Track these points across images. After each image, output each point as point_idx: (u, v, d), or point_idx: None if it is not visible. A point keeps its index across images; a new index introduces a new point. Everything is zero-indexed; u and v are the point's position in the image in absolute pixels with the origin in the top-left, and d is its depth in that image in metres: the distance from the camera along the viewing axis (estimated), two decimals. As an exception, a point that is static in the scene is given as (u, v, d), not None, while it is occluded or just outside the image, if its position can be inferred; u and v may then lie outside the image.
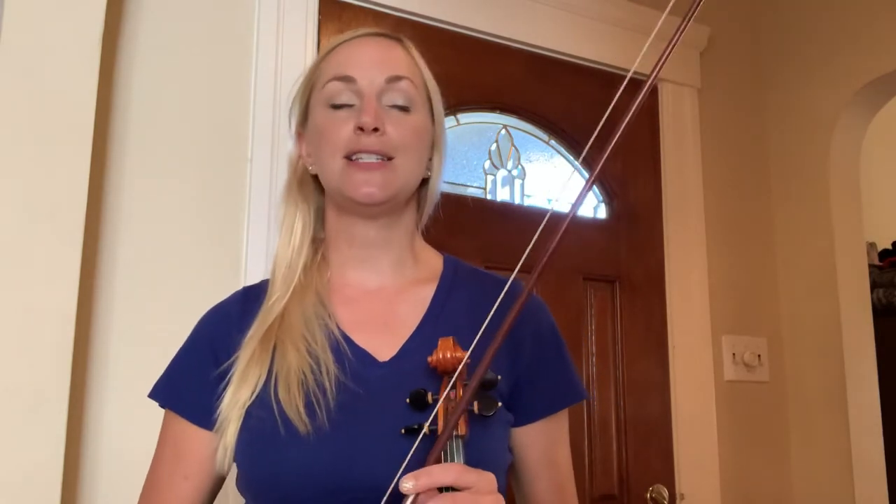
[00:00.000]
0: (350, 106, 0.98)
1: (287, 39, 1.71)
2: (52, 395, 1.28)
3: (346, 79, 0.98)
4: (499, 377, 0.82)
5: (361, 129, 0.95)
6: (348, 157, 0.95)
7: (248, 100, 1.66)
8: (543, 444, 1.02)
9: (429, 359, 0.83)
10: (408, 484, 0.73)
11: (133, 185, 1.53)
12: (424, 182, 1.05)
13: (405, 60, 1.02)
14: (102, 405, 1.44)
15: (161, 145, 1.56)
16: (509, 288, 1.04)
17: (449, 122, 1.98)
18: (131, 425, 1.43)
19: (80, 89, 1.37)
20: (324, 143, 0.98)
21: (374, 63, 0.99)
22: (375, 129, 0.95)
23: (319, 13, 1.78)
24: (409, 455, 0.75)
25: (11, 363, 1.26)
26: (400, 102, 0.98)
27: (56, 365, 1.29)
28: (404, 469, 0.75)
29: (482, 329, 0.77)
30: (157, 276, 1.52)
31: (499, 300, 0.80)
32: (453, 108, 1.97)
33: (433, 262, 1.06)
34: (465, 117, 1.99)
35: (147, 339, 1.47)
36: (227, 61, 1.66)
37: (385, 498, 0.75)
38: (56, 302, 1.31)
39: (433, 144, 1.04)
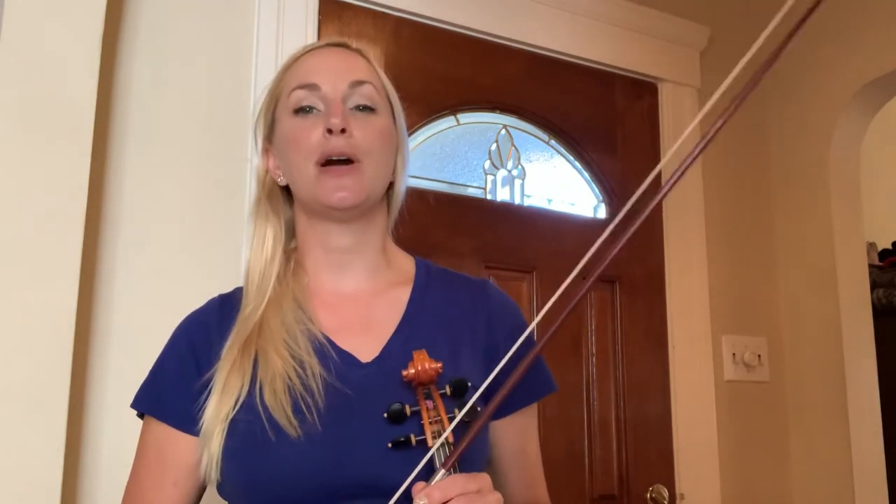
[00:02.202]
0: (316, 112, 0.99)
1: (287, 39, 1.71)
2: (52, 395, 1.28)
3: (311, 86, 1.00)
4: (469, 383, 0.86)
5: (330, 131, 0.96)
6: (320, 164, 0.97)
7: (248, 100, 1.66)
8: (515, 437, 1.05)
9: (403, 373, 0.86)
10: (422, 502, 0.77)
11: (133, 185, 1.53)
12: (391, 186, 1.07)
13: (366, 67, 1.04)
14: (102, 405, 1.44)
15: (161, 145, 1.57)
16: (479, 287, 1.07)
17: (449, 122, 1.98)
18: (131, 425, 1.42)
19: (80, 89, 1.37)
20: (294, 150, 0.99)
21: (337, 70, 1.01)
22: (343, 131, 0.96)
23: (319, 13, 1.78)
24: (416, 470, 0.78)
25: (11, 363, 1.26)
26: (364, 103, 1.01)
27: (56, 365, 1.29)
28: (405, 478, 0.78)
29: (519, 342, 0.81)
30: (156, 275, 1.52)
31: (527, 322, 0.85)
32: (453, 108, 1.97)
33: (405, 264, 1.08)
34: (465, 117, 1.99)
35: (147, 339, 1.46)
36: (227, 61, 1.66)
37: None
38: (56, 302, 1.30)
39: (397, 148, 1.06)
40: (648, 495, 2.02)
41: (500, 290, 1.09)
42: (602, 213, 2.15)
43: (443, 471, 0.78)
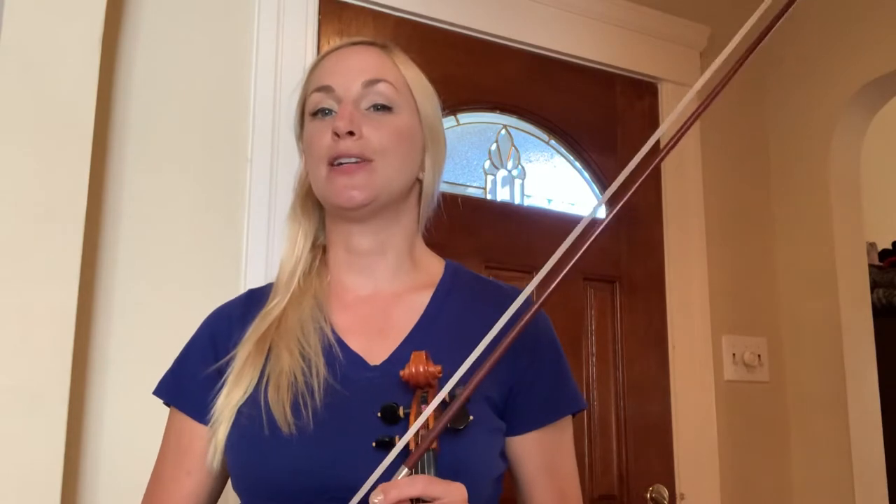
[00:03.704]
0: (333, 115, 0.99)
1: (287, 39, 1.71)
2: (52, 395, 1.28)
3: (325, 88, 1.00)
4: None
5: (338, 134, 0.96)
6: (331, 164, 0.97)
7: (248, 100, 1.66)
8: (542, 454, 1.01)
9: (401, 373, 0.84)
10: (377, 499, 0.73)
11: (133, 184, 1.53)
12: (421, 185, 1.05)
13: (385, 64, 1.02)
14: (102, 405, 1.44)
15: (161, 145, 1.56)
16: (511, 296, 1.02)
17: (449, 122, 1.98)
18: (131, 425, 1.43)
19: (80, 89, 1.37)
20: (309, 153, 1.01)
21: (351, 70, 1.00)
22: (351, 133, 0.96)
23: (319, 13, 1.78)
24: (382, 468, 0.74)
25: (11, 363, 1.26)
26: (379, 102, 0.99)
27: (56, 365, 1.29)
28: (378, 479, 0.75)
29: (483, 342, 0.75)
30: (156, 275, 1.52)
31: (505, 316, 0.78)
32: (453, 108, 1.97)
33: (433, 267, 1.06)
34: (465, 117, 1.99)
35: (147, 339, 1.47)
36: (227, 61, 1.66)
37: None
38: (56, 302, 1.30)
39: (424, 146, 1.04)
40: (648, 495, 2.02)
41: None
42: (602, 213, 2.15)
43: (405, 469, 0.74)
